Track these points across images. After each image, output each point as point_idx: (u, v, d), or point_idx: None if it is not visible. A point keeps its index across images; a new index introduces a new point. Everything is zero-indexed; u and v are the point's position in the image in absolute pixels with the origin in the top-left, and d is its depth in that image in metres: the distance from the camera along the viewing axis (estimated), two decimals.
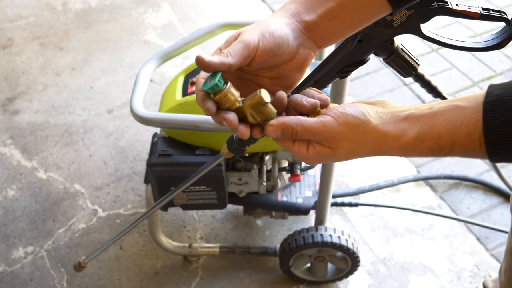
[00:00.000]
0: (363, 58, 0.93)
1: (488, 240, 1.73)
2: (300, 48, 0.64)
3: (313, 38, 0.65)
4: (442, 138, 0.58)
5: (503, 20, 0.84)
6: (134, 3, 2.80)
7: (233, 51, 0.60)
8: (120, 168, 1.97)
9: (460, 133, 0.57)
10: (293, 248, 1.46)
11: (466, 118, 0.57)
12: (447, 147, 0.58)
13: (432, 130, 0.59)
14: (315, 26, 0.64)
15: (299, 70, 0.66)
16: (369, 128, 0.60)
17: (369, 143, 0.61)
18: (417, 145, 0.59)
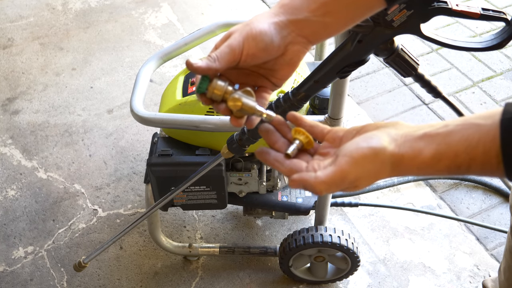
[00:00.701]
0: (363, 58, 0.93)
1: (488, 240, 1.73)
2: (289, 45, 0.64)
3: (304, 34, 0.64)
4: (460, 157, 0.57)
5: (503, 20, 0.84)
6: (134, 3, 2.80)
7: (220, 56, 0.62)
8: (120, 168, 1.97)
9: (477, 151, 0.56)
10: (293, 248, 1.46)
11: (483, 136, 0.56)
12: (465, 165, 0.57)
13: (449, 149, 0.58)
14: (307, 23, 0.64)
15: (289, 65, 0.66)
16: (384, 156, 0.59)
17: (387, 168, 0.60)
18: (434, 164, 0.58)
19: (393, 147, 0.60)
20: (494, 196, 1.86)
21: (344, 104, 1.17)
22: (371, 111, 2.19)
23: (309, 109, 1.40)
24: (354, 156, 0.59)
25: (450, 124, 0.59)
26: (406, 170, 0.60)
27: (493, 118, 0.56)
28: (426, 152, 0.58)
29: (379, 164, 0.59)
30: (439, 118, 2.14)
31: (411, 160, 0.59)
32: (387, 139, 0.60)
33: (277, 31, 0.63)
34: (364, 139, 0.61)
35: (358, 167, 0.59)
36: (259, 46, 0.63)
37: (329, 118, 1.20)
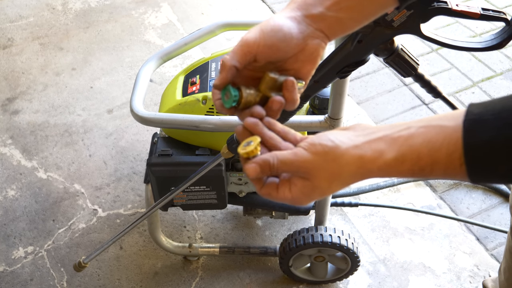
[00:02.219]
0: (363, 58, 0.94)
1: (488, 240, 1.73)
2: (309, 40, 0.64)
3: (321, 28, 0.64)
4: (423, 159, 0.57)
5: (503, 20, 0.84)
6: (134, 3, 2.80)
7: (233, 52, 0.62)
8: (120, 168, 1.97)
9: (440, 153, 0.56)
10: (293, 248, 1.46)
11: (446, 138, 0.55)
12: (428, 168, 0.57)
13: (411, 151, 0.57)
14: (322, 18, 0.64)
15: (311, 62, 0.66)
16: (338, 153, 0.59)
17: (345, 169, 0.59)
18: (397, 166, 0.58)
19: (347, 146, 0.59)
20: (494, 196, 1.86)
21: (344, 104, 1.17)
22: (371, 111, 2.19)
23: (309, 109, 1.40)
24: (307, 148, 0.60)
25: (412, 126, 0.58)
26: (368, 172, 0.59)
27: (457, 119, 0.56)
28: (388, 154, 0.58)
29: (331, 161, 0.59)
30: None
31: (371, 162, 0.58)
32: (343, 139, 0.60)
33: (295, 25, 0.63)
34: (319, 137, 0.61)
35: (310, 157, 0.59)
36: (278, 36, 0.62)
37: (329, 118, 1.20)
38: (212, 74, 1.40)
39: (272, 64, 0.65)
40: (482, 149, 0.53)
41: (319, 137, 0.61)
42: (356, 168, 0.59)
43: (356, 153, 0.59)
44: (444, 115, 0.58)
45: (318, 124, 1.21)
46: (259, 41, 0.62)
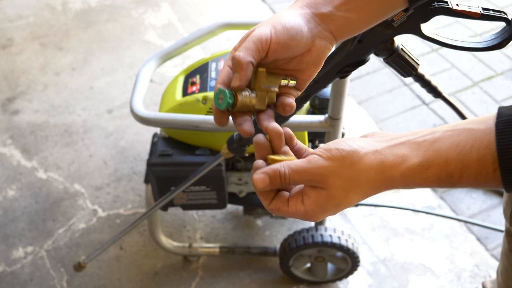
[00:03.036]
0: (363, 58, 0.93)
1: (488, 240, 1.73)
2: (316, 40, 0.62)
3: (329, 29, 0.62)
4: (451, 164, 0.52)
5: (504, 20, 0.84)
6: (134, 3, 2.80)
7: (246, 48, 0.58)
8: (120, 168, 1.97)
9: (470, 158, 0.51)
10: (293, 248, 1.46)
11: (477, 141, 0.51)
12: (457, 174, 0.52)
13: (438, 155, 0.52)
14: (331, 18, 0.62)
15: (315, 63, 0.63)
16: (356, 157, 0.54)
17: (363, 175, 0.54)
18: (422, 172, 0.53)
19: (366, 151, 0.55)
20: (494, 196, 1.86)
21: (344, 104, 1.16)
22: (371, 111, 2.19)
23: (309, 109, 1.40)
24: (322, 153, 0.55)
25: (437, 131, 0.54)
26: (389, 179, 0.54)
27: (487, 122, 0.52)
28: (411, 158, 0.53)
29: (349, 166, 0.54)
30: (439, 118, 2.14)
31: (393, 167, 0.54)
32: (362, 144, 0.56)
33: (304, 23, 0.61)
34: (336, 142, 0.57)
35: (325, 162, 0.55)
36: (290, 33, 0.59)
37: (329, 118, 1.20)
38: (212, 74, 1.40)
39: (276, 62, 0.63)
40: None
41: (336, 142, 0.57)
42: (376, 174, 0.54)
43: (376, 158, 0.54)
44: (471, 120, 0.54)
45: (318, 124, 1.21)
46: (271, 37, 0.59)
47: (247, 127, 0.60)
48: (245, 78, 0.58)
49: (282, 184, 0.57)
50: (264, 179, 0.56)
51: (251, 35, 0.59)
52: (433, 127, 1.92)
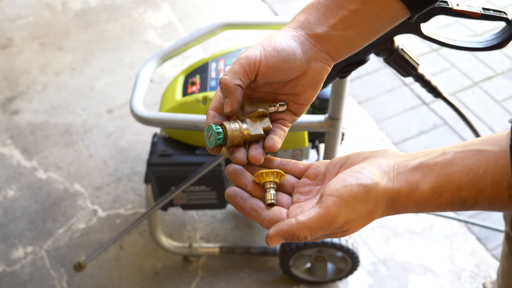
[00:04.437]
0: (363, 58, 0.93)
1: (489, 240, 1.73)
2: (312, 62, 0.59)
3: (326, 50, 0.59)
4: (464, 190, 0.49)
5: (504, 20, 0.84)
6: (134, 3, 2.80)
7: (233, 71, 0.56)
8: (120, 168, 1.97)
9: (485, 183, 0.48)
10: (293, 249, 1.46)
11: (491, 165, 0.48)
12: (470, 199, 0.50)
13: (450, 181, 0.50)
14: (327, 38, 0.58)
15: (312, 86, 0.60)
16: (380, 192, 0.51)
17: (381, 207, 0.52)
18: (435, 200, 0.51)
19: (385, 181, 0.52)
20: None
21: (344, 104, 1.16)
22: (371, 111, 2.19)
23: (309, 109, 1.40)
24: (342, 196, 0.51)
25: (449, 151, 0.52)
26: (403, 208, 0.52)
27: (500, 143, 0.49)
28: (424, 185, 0.51)
29: (372, 203, 0.51)
30: (440, 118, 2.14)
31: (408, 196, 0.51)
32: (378, 172, 0.52)
33: (298, 45, 0.58)
34: (352, 174, 0.52)
35: (348, 208, 0.51)
36: (280, 56, 0.57)
37: (329, 118, 1.19)
38: (212, 74, 1.40)
39: (269, 85, 0.60)
40: None
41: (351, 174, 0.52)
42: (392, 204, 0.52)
43: (393, 187, 0.52)
44: (483, 139, 0.51)
45: (318, 124, 1.21)
46: (260, 59, 0.56)
47: (239, 155, 0.58)
48: (236, 102, 0.56)
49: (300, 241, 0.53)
50: (278, 241, 0.53)
51: (239, 57, 0.57)
52: (433, 127, 1.92)
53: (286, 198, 0.58)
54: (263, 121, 0.60)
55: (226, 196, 0.56)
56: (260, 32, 1.48)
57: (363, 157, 0.56)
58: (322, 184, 0.58)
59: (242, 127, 0.58)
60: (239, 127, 0.57)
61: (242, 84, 0.56)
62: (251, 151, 0.58)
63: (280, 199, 0.58)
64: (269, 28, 1.40)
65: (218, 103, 0.59)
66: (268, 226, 0.54)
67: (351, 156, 0.57)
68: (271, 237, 0.52)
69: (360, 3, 0.57)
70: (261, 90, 0.60)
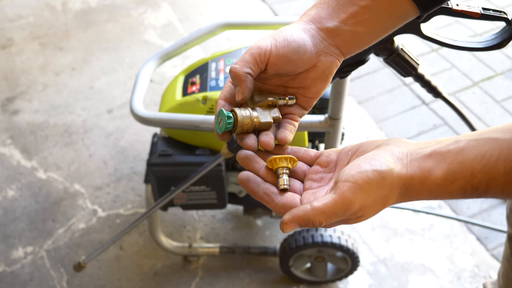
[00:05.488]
0: (363, 58, 0.93)
1: (488, 240, 1.73)
2: (322, 56, 0.59)
3: (336, 44, 0.60)
4: (476, 176, 0.50)
5: (504, 20, 0.84)
6: (134, 3, 2.80)
7: (243, 60, 0.57)
8: (120, 168, 1.97)
9: (497, 170, 0.49)
10: (293, 248, 1.46)
11: (503, 153, 0.49)
12: (482, 186, 0.50)
13: (463, 168, 0.50)
14: (337, 32, 0.59)
15: (322, 80, 0.61)
16: (394, 178, 0.52)
17: (395, 193, 0.53)
18: (447, 186, 0.51)
19: (399, 168, 0.52)
20: None
21: (344, 104, 1.16)
22: (371, 111, 2.19)
23: None
24: (358, 182, 0.51)
25: (461, 139, 0.52)
26: (416, 194, 0.53)
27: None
28: (437, 172, 0.51)
29: (387, 189, 0.52)
30: (440, 118, 2.14)
31: (421, 182, 0.52)
32: (392, 159, 0.53)
33: (308, 38, 0.59)
34: (366, 160, 0.53)
35: (364, 194, 0.51)
36: (291, 47, 0.57)
37: (329, 118, 1.19)
38: (212, 74, 1.40)
39: (279, 77, 0.60)
40: None
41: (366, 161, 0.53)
42: (405, 191, 0.53)
43: (407, 173, 0.52)
44: (496, 128, 0.52)
45: (318, 124, 1.21)
46: (270, 49, 0.57)
47: (250, 141, 0.58)
48: (247, 90, 0.57)
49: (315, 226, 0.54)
50: (293, 227, 0.53)
51: (250, 47, 0.58)
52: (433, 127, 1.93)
53: (298, 184, 0.59)
54: (272, 110, 0.60)
55: (239, 180, 0.57)
56: (260, 32, 1.48)
57: (376, 145, 0.56)
58: (334, 171, 0.58)
59: (253, 114, 0.58)
60: (249, 113, 0.58)
61: (252, 72, 0.57)
62: (262, 137, 0.58)
63: (292, 185, 0.58)
64: (269, 28, 1.40)
65: (228, 93, 0.60)
66: (281, 211, 0.55)
67: (364, 144, 0.58)
68: (286, 223, 0.52)
69: (371, 0, 0.58)
70: (271, 82, 0.61)
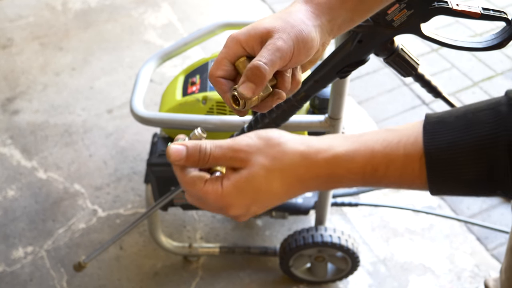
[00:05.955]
0: (363, 58, 0.93)
1: (488, 240, 1.73)
2: (321, 46, 0.62)
3: (335, 34, 0.62)
4: (377, 156, 0.51)
5: (504, 20, 0.84)
6: (134, 3, 2.80)
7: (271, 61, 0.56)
8: (120, 168, 1.97)
9: (397, 152, 0.51)
10: (293, 248, 1.46)
11: (404, 138, 0.51)
12: (382, 167, 0.51)
13: (364, 146, 0.52)
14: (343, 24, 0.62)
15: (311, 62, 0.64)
16: (282, 139, 0.53)
17: (287, 157, 0.52)
18: (347, 161, 0.51)
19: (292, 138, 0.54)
20: None
21: (344, 104, 1.16)
22: (371, 111, 2.19)
23: (309, 109, 1.40)
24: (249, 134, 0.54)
25: (367, 132, 0.54)
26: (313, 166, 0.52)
27: (414, 125, 0.52)
28: (337, 147, 0.52)
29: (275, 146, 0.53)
30: None
31: (318, 152, 0.52)
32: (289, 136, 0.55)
33: (319, 36, 0.60)
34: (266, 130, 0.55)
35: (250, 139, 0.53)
36: (306, 47, 0.59)
37: (329, 118, 1.20)
38: None
39: None
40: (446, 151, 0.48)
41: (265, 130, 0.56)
42: (301, 159, 0.52)
43: (303, 143, 0.53)
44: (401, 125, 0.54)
45: (318, 124, 1.21)
46: (292, 51, 0.58)
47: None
48: (258, 92, 0.57)
49: (200, 161, 0.53)
50: (180, 151, 0.53)
51: (278, 48, 0.56)
52: None
53: None
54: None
55: None
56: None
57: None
58: None
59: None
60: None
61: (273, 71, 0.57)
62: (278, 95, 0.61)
63: None
64: None
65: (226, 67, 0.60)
66: None
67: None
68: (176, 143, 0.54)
69: None
70: None
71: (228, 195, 0.52)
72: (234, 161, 0.53)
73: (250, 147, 0.53)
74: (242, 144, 0.53)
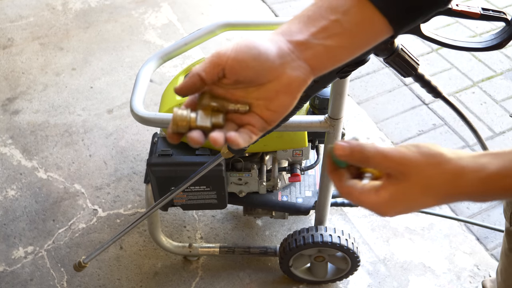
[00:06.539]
0: (363, 58, 0.93)
1: (488, 240, 1.73)
2: (287, 68, 0.57)
3: (305, 58, 0.57)
4: None
5: (503, 20, 0.84)
6: (134, 3, 2.80)
7: (203, 62, 0.57)
8: (120, 168, 1.97)
9: None
10: (293, 248, 1.46)
11: None
12: None
13: None
14: (307, 45, 0.57)
15: (287, 94, 0.58)
16: (443, 159, 0.54)
17: (444, 176, 0.54)
18: (500, 180, 0.53)
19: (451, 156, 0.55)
20: None
21: (344, 104, 1.17)
22: (371, 111, 2.19)
23: (309, 109, 1.40)
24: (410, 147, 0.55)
25: None
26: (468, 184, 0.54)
27: None
28: (490, 166, 0.53)
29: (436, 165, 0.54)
30: (439, 118, 2.14)
31: (473, 172, 0.53)
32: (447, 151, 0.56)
33: (274, 48, 0.57)
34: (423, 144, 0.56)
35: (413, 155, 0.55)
36: (251, 53, 0.56)
37: (329, 118, 1.20)
38: None
39: (241, 84, 0.58)
40: None
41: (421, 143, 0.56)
42: (455, 178, 0.54)
43: (460, 163, 0.54)
44: None
45: (318, 124, 1.21)
46: (229, 54, 0.56)
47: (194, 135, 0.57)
48: (186, 85, 0.57)
49: (360, 161, 0.56)
50: (344, 148, 0.56)
51: (214, 52, 0.58)
52: (433, 127, 1.92)
53: None
54: (216, 116, 0.59)
55: None
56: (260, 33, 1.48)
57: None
58: None
59: (191, 115, 0.58)
60: (186, 114, 0.58)
61: (203, 74, 0.57)
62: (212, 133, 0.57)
63: None
64: (268, 28, 1.40)
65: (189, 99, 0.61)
66: None
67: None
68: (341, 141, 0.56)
69: (342, 14, 0.57)
70: (235, 92, 0.59)
71: (384, 204, 0.56)
72: (393, 171, 0.56)
73: (411, 162, 0.55)
74: (405, 157, 0.55)
